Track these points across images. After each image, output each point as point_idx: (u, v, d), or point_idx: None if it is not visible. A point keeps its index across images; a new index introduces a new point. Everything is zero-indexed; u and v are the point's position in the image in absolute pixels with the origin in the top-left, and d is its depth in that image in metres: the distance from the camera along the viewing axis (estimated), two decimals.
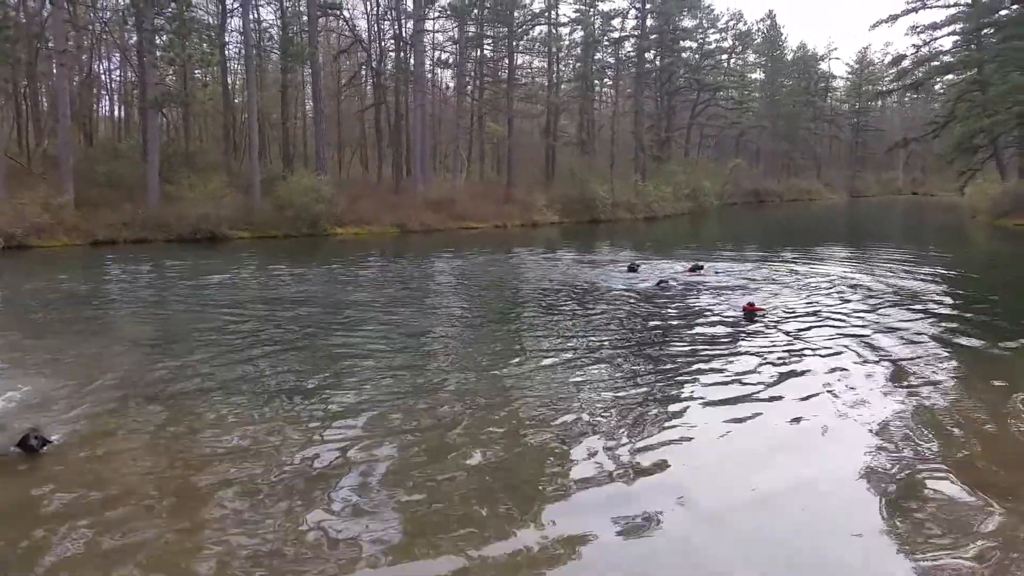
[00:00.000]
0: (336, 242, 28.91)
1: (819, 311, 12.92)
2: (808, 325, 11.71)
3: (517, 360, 9.61)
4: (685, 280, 16.68)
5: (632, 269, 18.52)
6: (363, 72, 46.05)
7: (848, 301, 14.00)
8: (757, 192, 66.23)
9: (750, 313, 12.35)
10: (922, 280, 17.07)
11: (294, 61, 37.47)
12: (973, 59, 42.15)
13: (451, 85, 50.99)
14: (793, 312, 12.87)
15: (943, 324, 11.93)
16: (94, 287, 16.65)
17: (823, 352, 9.85)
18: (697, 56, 63.15)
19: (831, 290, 15.40)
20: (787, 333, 11.08)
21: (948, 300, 14.64)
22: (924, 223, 42.68)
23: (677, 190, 48.05)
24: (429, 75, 45.61)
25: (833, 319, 12.18)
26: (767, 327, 11.53)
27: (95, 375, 8.69)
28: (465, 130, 45.89)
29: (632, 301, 14.23)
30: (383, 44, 43.09)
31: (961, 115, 42.75)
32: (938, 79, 53.25)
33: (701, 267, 18.35)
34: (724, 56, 70.43)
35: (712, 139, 72.71)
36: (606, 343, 10.57)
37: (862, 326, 11.57)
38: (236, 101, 43.61)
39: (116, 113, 45.45)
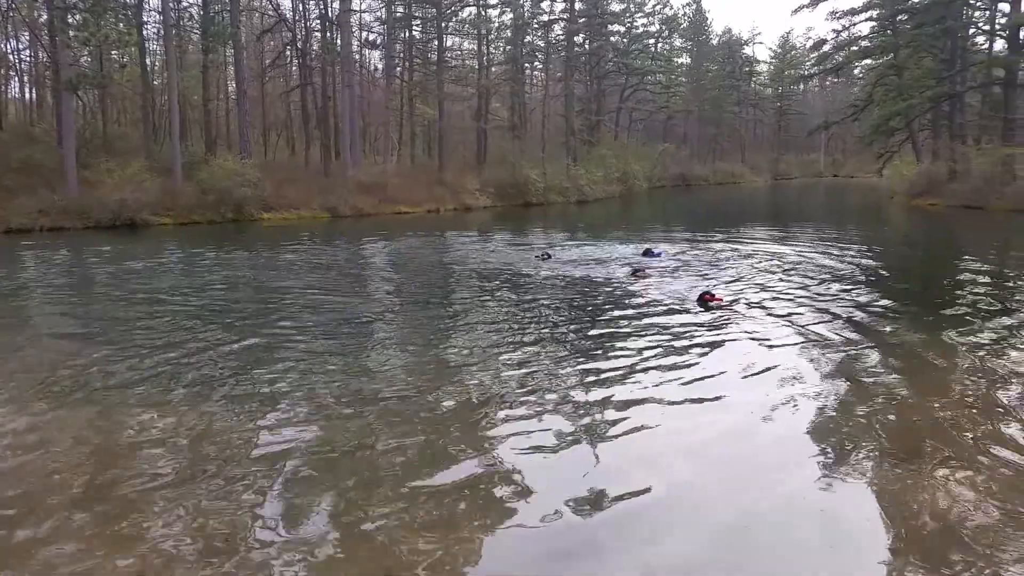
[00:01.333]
0: (263, 227, 28.15)
1: (763, 290, 13.11)
2: (755, 303, 11.87)
3: (451, 344, 9.45)
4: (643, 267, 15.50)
5: (544, 258, 17.25)
6: (288, 53, 44.85)
7: (787, 281, 14.18)
8: (685, 176, 67.25)
9: (706, 303, 11.27)
10: (848, 258, 17.49)
11: (215, 42, 36.15)
12: (889, 44, 43.46)
13: (380, 67, 50.18)
14: (742, 292, 13.04)
15: (866, 300, 12.23)
16: (8, 277, 15.78)
17: (759, 333, 9.96)
18: (625, 40, 63.71)
19: (765, 269, 15.64)
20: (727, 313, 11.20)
21: (871, 277, 15.04)
22: (846, 204, 44.00)
23: (608, 174, 48.41)
24: (357, 56, 44.71)
25: (779, 298, 12.34)
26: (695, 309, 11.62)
27: (10, 367, 8.20)
28: (395, 113, 45.25)
29: (561, 286, 14.18)
30: (308, 24, 42.01)
31: (879, 99, 44.07)
32: (857, 64, 54.83)
33: (657, 254, 17.48)
34: (651, 40, 71.18)
35: (641, 123, 73.55)
36: (540, 328, 10.48)
37: (800, 304, 11.76)
38: (155, 83, 41.98)
39: (27, 95, 43.35)
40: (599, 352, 9.02)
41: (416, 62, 46.35)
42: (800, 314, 10.86)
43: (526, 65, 55.86)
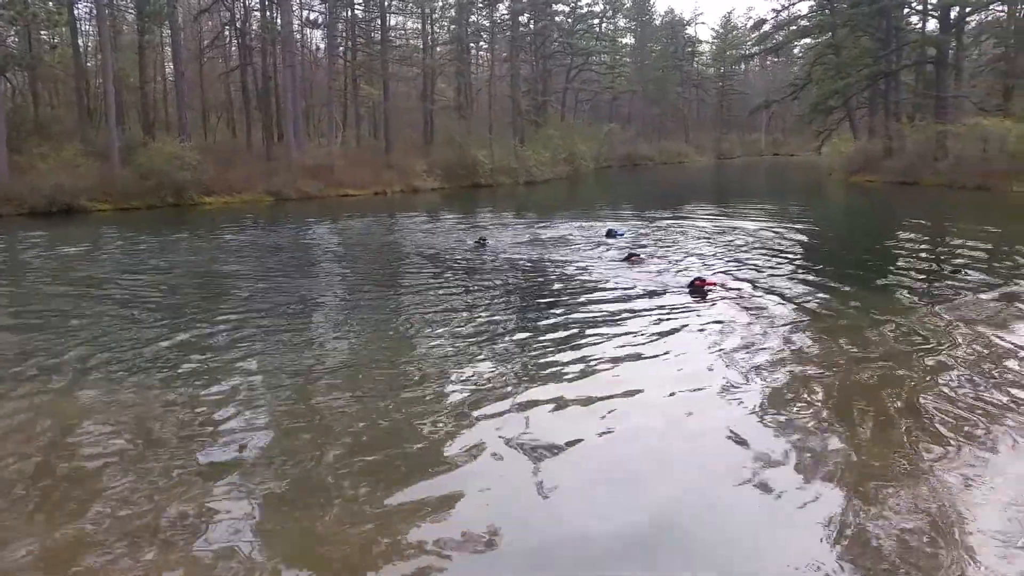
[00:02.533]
0: (205, 212, 27.60)
1: (722, 261, 13.39)
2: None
3: (401, 326, 9.48)
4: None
5: (480, 244, 16.50)
6: (227, 32, 43.88)
7: (747, 258, 14.51)
8: (631, 155, 67.67)
9: (699, 289, 10.79)
10: (791, 233, 17.96)
11: (151, 21, 35.27)
12: (827, 24, 44.26)
13: (322, 46, 49.31)
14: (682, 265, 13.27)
15: (810, 271, 12.60)
16: None
17: (740, 310, 10.19)
18: (570, 20, 63.73)
19: (728, 247, 15.96)
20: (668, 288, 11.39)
21: (814, 249, 15.48)
22: (787, 182, 44.84)
23: (555, 154, 48.47)
24: (298, 36, 43.91)
25: (757, 275, 12.61)
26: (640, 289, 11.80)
27: None
28: (339, 93, 44.59)
29: (505, 267, 14.27)
30: (247, 3, 41.12)
31: (817, 78, 44.92)
32: (796, 43, 55.76)
33: (620, 234, 17.37)
34: (596, 20, 71.31)
35: (587, 103, 73.74)
36: (490, 309, 10.56)
37: (772, 280, 12.04)
38: (89, 65, 40.70)
39: None
40: (534, 329, 9.13)
41: (359, 41, 45.66)
42: (778, 290, 11.03)
43: (471, 45, 55.50)
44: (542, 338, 8.62)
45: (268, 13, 39.37)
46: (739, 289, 10.96)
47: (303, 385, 7.09)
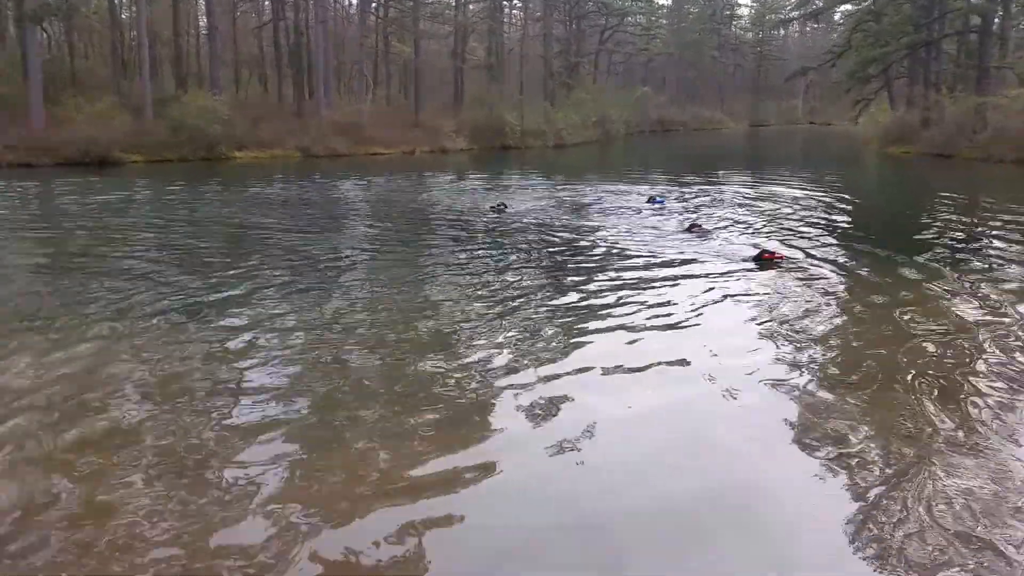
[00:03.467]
0: (236, 166, 27.86)
1: (754, 228, 13.32)
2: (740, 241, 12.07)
3: (431, 286, 9.58)
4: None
5: (499, 209, 15.81)
6: None
7: (796, 229, 14.43)
8: (663, 120, 66.87)
9: (767, 261, 10.36)
10: (834, 202, 17.80)
11: None
12: None
13: (354, 2, 49.06)
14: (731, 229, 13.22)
15: (856, 241, 12.52)
16: None
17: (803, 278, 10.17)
18: None
19: (771, 216, 15.87)
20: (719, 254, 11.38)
21: (858, 220, 15.33)
22: (823, 150, 44.20)
23: (585, 118, 48.02)
24: None
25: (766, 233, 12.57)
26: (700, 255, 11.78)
27: None
28: (369, 51, 44.44)
29: (542, 231, 14.28)
30: None
31: (857, 45, 43.86)
32: (837, 8, 54.39)
33: (660, 202, 17.00)
34: None
35: (620, 66, 72.78)
36: (526, 274, 10.60)
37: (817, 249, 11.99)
38: (123, 17, 40.90)
39: None
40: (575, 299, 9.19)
41: None
42: (833, 262, 10.82)
43: (504, 3, 54.88)
44: (584, 304, 8.64)
45: None
46: (797, 260, 10.72)
47: (326, 338, 7.22)
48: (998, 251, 11.92)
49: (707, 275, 9.81)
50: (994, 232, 13.86)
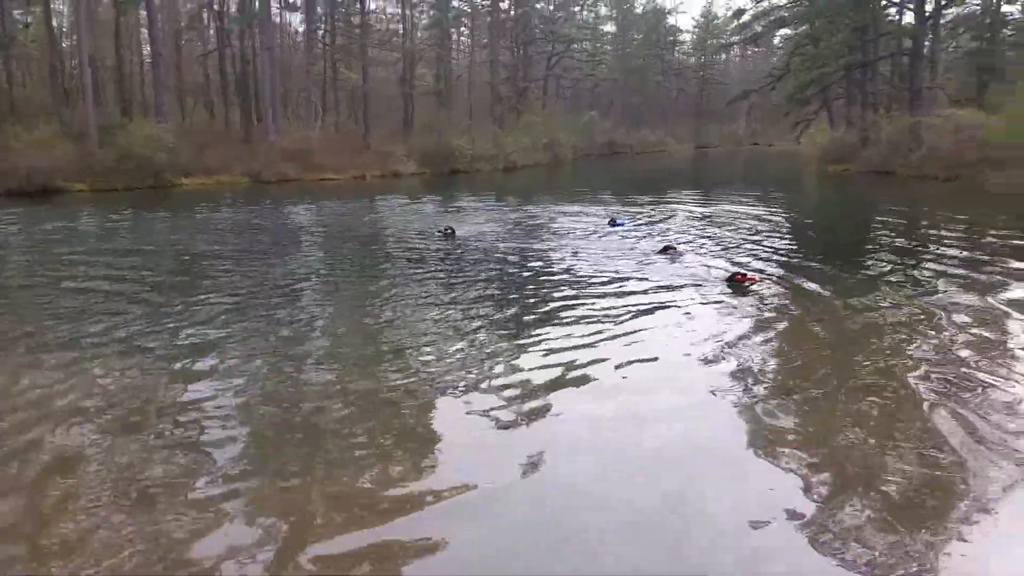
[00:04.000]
0: (183, 193, 27.47)
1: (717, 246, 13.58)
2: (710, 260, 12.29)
3: (380, 308, 9.58)
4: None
5: (446, 234, 15.51)
6: (204, 14, 43.42)
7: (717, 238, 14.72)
8: (611, 144, 67.77)
9: (739, 283, 10.29)
10: (778, 220, 18.23)
11: (128, 1, 34.83)
12: (806, 14, 44.50)
13: (300, 29, 48.97)
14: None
15: (790, 257, 12.86)
16: None
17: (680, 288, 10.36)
18: (551, 7, 63.64)
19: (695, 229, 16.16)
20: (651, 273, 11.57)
21: (796, 237, 15.74)
22: (765, 171, 45.17)
23: (535, 141, 48.48)
24: (276, 18, 43.61)
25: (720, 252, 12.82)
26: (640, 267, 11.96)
27: None
28: (317, 77, 44.33)
29: (498, 255, 14.37)
30: None
31: (795, 68, 45.16)
32: (775, 33, 55.86)
33: (620, 224, 16.80)
34: (577, 8, 71.24)
35: (568, 91, 73.70)
36: (481, 297, 10.67)
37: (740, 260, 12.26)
38: (64, 45, 40.15)
39: None
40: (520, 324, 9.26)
41: (338, 25, 45.38)
42: (792, 280, 10.85)
43: (452, 30, 55.27)
44: (552, 327, 8.72)
45: None
46: (767, 281, 10.71)
47: (278, 363, 7.17)
48: (935, 264, 12.38)
49: (679, 297, 9.74)
50: (931, 246, 14.39)
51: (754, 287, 10.19)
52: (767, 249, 13.97)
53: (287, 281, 11.15)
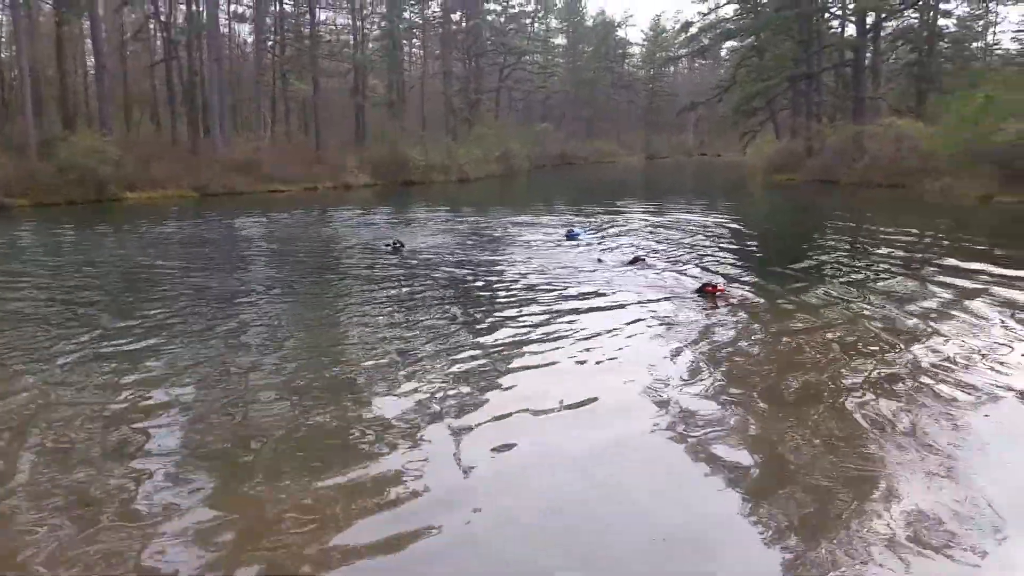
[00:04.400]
0: (128, 207, 26.91)
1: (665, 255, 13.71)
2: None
3: (331, 321, 9.50)
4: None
5: (395, 248, 15.23)
6: (151, 25, 42.68)
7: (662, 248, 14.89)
8: (564, 155, 68.27)
9: (710, 294, 10.22)
10: (724, 229, 18.52)
11: (70, 12, 34.08)
12: (751, 27, 45.44)
13: (249, 40, 48.43)
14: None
15: (734, 261, 13.07)
16: None
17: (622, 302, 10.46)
18: (502, 19, 63.96)
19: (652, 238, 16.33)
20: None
21: (750, 246, 16.00)
22: (713, 181, 45.94)
23: (488, 153, 48.54)
24: (225, 30, 43.11)
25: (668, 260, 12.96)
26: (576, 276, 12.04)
27: None
28: (267, 88, 43.87)
29: (453, 268, 14.35)
30: None
31: (742, 80, 46.08)
32: (722, 46, 56.89)
33: (576, 235, 16.69)
34: (528, 20, 71.68)
35: (520, 103, 74.09)
36: (435, 312, 10.63)
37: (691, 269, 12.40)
38: (3, 55, 39.15)
39: None
40: (472, 336, 9.25)
41: (288, 36, 45.03)
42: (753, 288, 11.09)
43: (404, 42, 55.18)
44: (512, 342, 8.67)
45: (194, 7, 38.51)
46: (735, 291, 10.70)
47: (230, 384, 7.04)
48: (878, 268, 12.73)
49: (651, 309, 9.60)
50: (873, 252, 14.80)
51: (723, 297, 10.16)
52: (725, 258, 14.23)
53: (231, 296, 10.95)
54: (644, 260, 13.09)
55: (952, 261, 13.08)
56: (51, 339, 8.18)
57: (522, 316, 9.31)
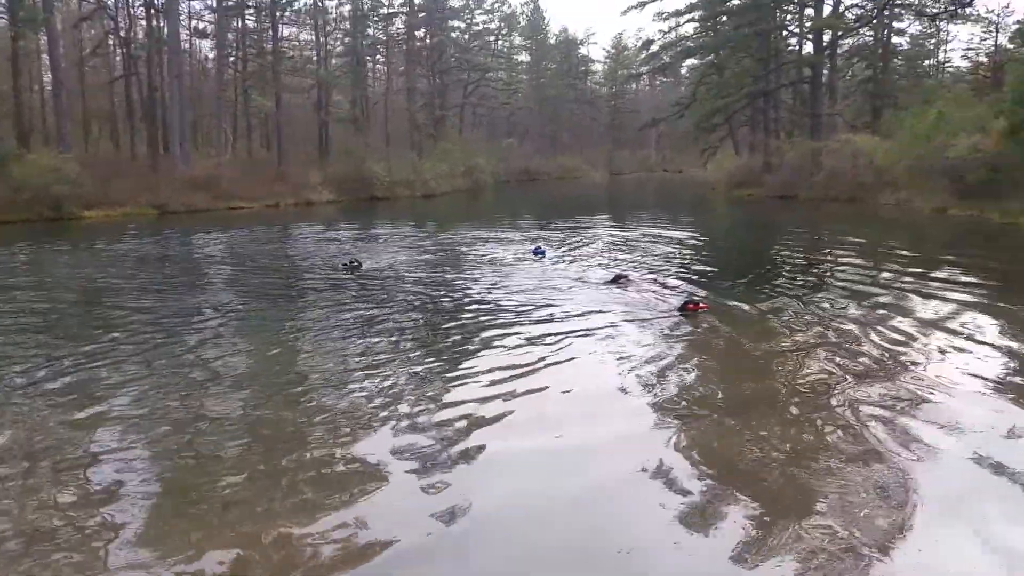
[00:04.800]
0: (86, 226, 26.41)
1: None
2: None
3: (292, 340, 9.41)
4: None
5: (352, 267, 14.98)
6: (110, 41, 42.20)
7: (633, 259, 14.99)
8: (528, 170, 68.57)
9: (691, 312, 10.18)
10: (689, 244, 18.71)
11: (26, 26, 33.52)
12: (711, 45, 46.12)
13: (211, 56, 48.08)
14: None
15: (696, 274, 13.21)
16: None
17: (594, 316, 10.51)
18: (466, 36, 64.28)
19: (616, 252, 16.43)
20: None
21: (715, 260, 16.18)
22: (675, 196, 46.39)
23: (453, 168, 48.59)
24: (186, 45, 42.74)
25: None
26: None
27: None
28: (229, 104, 43.52)
29: (417, 287, 14.30)
30: (132, 11, 39.75)
31: (702, 97, 46.74)
32: (683, 63, 57.63)
33: (542, 252, 16.53)
34: (492, 38, 72.11)
35: (485, 119, 74.37)
36: (403, 333, 10.56)
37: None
38: None
39: None
40: (437, 355, 9.23)
41: (250, 52, 44.75)
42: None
43: (367, 58, 55.17)
44: (482, 364, 8.67)
45: (154, 22, 38.16)
46: (717, 308, 10.63)
47: (185, 397, 6.95)
48: (837, 279, 12.97)
49: (629, 328, 9.55)
50: (831, 264, 15.07)
51: (705, 314, 10.13)
52: (694, 273, 14.37)
53: (188, 315, 10.77)
54: (627, 277, 12.81)
55: (911, 270, 13.52)
56: (2, 364, 7.99)
57: (502, 342, 8.99)
